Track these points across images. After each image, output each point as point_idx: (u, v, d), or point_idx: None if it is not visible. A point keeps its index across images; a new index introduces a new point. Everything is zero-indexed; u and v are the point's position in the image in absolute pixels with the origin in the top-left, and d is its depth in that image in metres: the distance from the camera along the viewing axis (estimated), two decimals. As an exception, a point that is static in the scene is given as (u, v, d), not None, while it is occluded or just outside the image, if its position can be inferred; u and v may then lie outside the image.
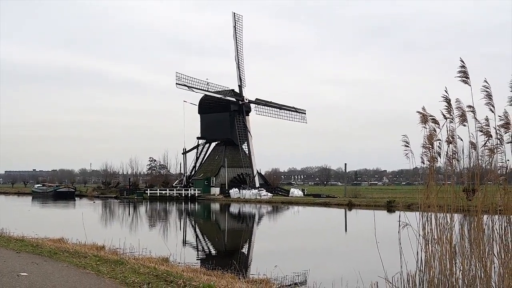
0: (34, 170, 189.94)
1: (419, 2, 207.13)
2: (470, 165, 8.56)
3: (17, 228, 21.72)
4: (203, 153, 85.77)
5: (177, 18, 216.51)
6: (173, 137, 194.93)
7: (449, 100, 8.12)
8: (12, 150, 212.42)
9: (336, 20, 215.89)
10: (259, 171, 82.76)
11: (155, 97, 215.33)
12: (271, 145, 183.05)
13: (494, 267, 7.64)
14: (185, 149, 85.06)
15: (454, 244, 8.08)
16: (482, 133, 7.97)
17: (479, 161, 8.25)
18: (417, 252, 8.34)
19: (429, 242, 8.19)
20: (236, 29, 79.11)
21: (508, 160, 7.95)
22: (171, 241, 24.26)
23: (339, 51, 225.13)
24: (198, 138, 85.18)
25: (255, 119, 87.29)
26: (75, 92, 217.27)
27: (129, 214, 52.86)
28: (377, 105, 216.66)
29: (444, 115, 8.22)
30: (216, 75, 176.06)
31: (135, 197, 77.84)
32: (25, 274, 10.16)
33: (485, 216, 8.01)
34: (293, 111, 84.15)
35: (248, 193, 70.11)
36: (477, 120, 7.99)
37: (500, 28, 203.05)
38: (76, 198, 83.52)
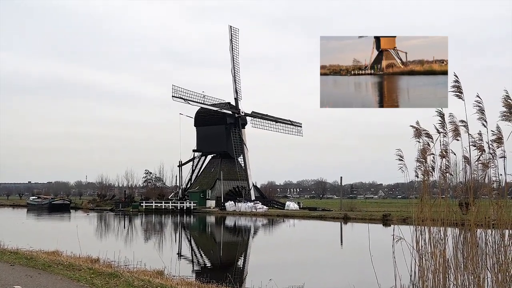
0: (29, 182, 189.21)
1: (415, 15, 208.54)
2: (464, 179, 8.60)
3: (11, 240, 21.64)
4: (199, 165, 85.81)
5: (174, 28, 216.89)
6: (169, 150, 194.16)
7: (443, 115, 8.17)
8: (7, 162, 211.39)
9: (329, 32, 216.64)
10: (254, 184, 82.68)
11: (151, 109, 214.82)
12: (267, 158, 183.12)
13: (487, 281, 7.66)
14: (181, 161, 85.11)
15: (448, 258, 8.10)
16: (475, 147, 8.02)
17: (473, 175, 8.29)
18: (411, 265, 8.36)
19: (423, 256, 8.21)
20: (233, 42, 79.35)
21: (501, 174, 8.00)
22: (166, 254, 24.18)
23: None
24: (194, 150, 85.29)
25: (251, 132, 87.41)
26: (69, 104, 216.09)
27: (124, 226, 52.65)
28: (373, 117, 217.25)
29: (437, 130, 8.27)
30: (212, 86, 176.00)
31: (131, 210, 77.47)
32: (18, 287, 10.13)
33: (478, 230, 8.05)
34: (289, 124, 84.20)
35: (243, 206, 70.01)
36: (470, 134, 8.05)
37: (490, 41, 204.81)
38: (71, 211, 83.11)
